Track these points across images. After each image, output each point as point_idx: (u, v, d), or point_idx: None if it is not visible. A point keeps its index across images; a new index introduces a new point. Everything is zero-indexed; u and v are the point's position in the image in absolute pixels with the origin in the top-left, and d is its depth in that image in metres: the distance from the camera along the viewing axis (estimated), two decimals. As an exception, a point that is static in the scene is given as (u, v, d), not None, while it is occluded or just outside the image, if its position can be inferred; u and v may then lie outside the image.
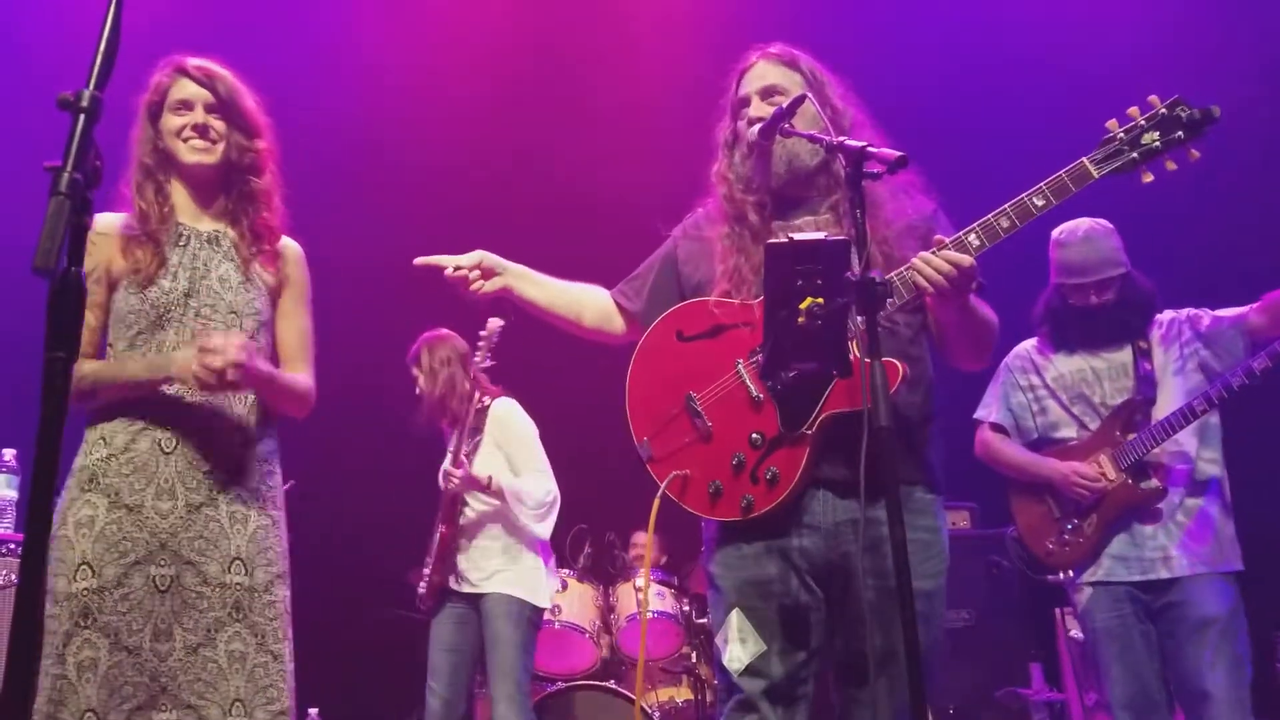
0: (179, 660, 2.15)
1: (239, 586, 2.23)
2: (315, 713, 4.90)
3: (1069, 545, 3.22)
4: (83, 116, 1.27)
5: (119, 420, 2.24)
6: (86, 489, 2.20)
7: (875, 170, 1.86)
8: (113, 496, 2.19)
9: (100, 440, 2.24)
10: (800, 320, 1.85)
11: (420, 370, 4.05)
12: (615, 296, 2.45)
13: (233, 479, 2.27)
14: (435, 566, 3.91)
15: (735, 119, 2.33)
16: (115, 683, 2.09)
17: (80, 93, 1.28)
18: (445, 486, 3.88)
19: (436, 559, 3.91)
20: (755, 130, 2.17)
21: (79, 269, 1.26)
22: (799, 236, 1.90)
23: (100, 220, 2.29)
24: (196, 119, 2.34)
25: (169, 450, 2.23)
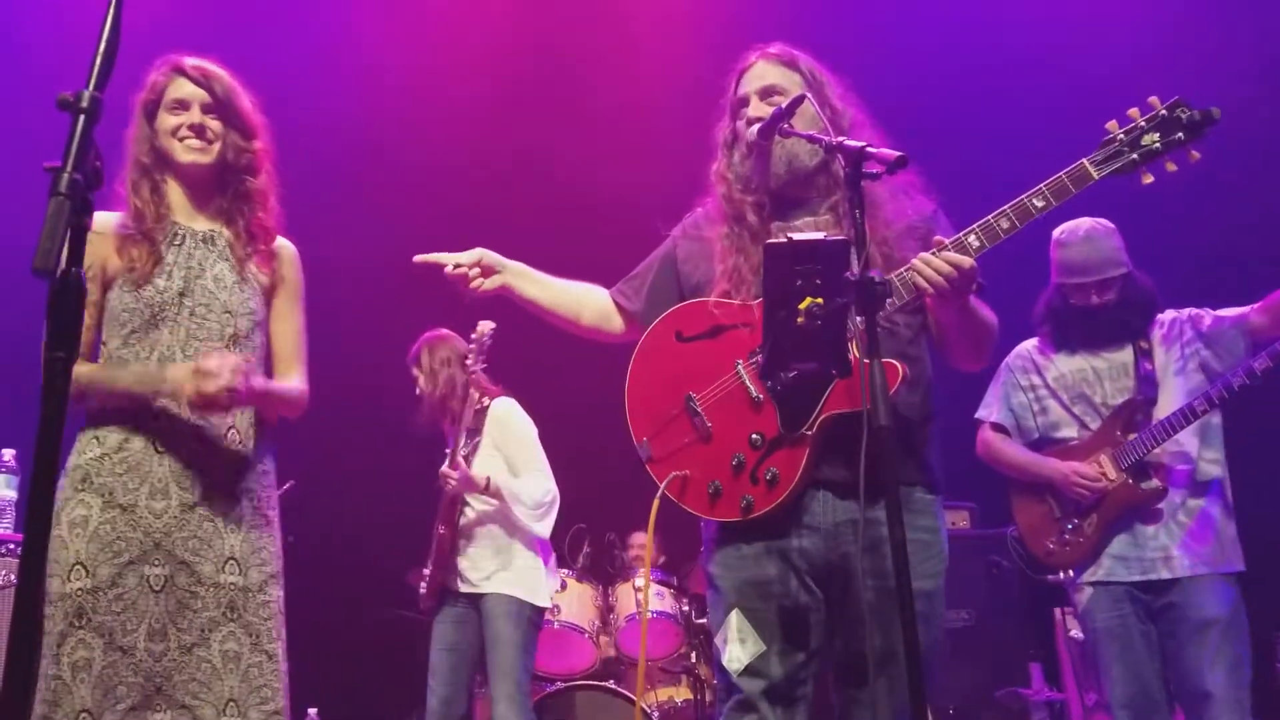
0: (174, 660, 2.14)
1: (233, 586, 2.22)
2: (315, 713, 4.89)
3: (1069, 545, 3.22)
4: (83, 117, 1.27)
5: (112, 420, 2.23)
6: (80, 489, 2.19)
7: (874, 170, 1.86)
8: (106, 496, 2.18)
9: (93, 440, 2.23)
10: (799, 320, 1.85)
11: (421, 370, 4.05)
12: (614, 296, 2.45)
13: (227, 479, 2.27)
14: (435, 566, 3.91)
15: (734, 119, 2.33)
16: (110, 683, 2.08)
17: (80, 93, 1.27)
18: (443, 488, 3.88)
19: (436, 559, 3.91)
20: (754, 130, 2.17)
21: (79, 269, 1.26)
22: (798, 236, 1.89)
23: (95, 218, 2.27)
24: (193, 118, 2.33)
25: (162, 450, 2.22)
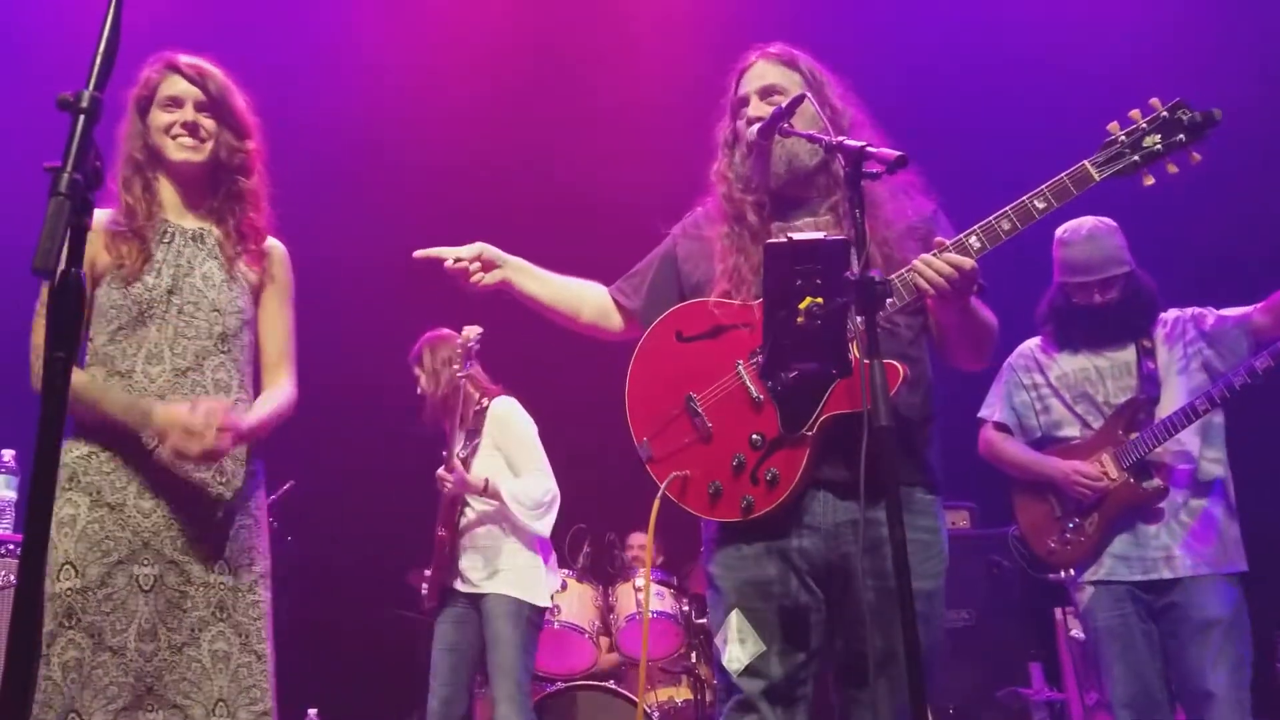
0: (164, 660, 2.13)
1: (222, 586, 2.22)
2: (315, 713, 4.88)
3: (1070, 544, 3.22)
4: (83, 117, 1.26)
5: (100, 424, 2.21)
6: (67, 488, 2.17)
7: (874, 170, 1.86)
8: (94, 495, 2.17)
9: (80, 438, 2.21)
10: (800, 320, 1.84)
11: (423, 370, 4.04)
12: (613, 294, 2.44)
13: (215, 478, 2.26)
14: (436, 568, 3.91)
15: (735, 118, 2.33)
16: (100, 683, 2.07)
17: (80, 93, 1.27)
18: (440, 490, 3.88)
19: (436, 561, 3.91)
20: (754, 130, 2.17)
21: (79, 269, 1.26)
22: (798, 236, 1.89)
23: None
24: (186, 116, 2.32)
25: (150, 449, 2.21)
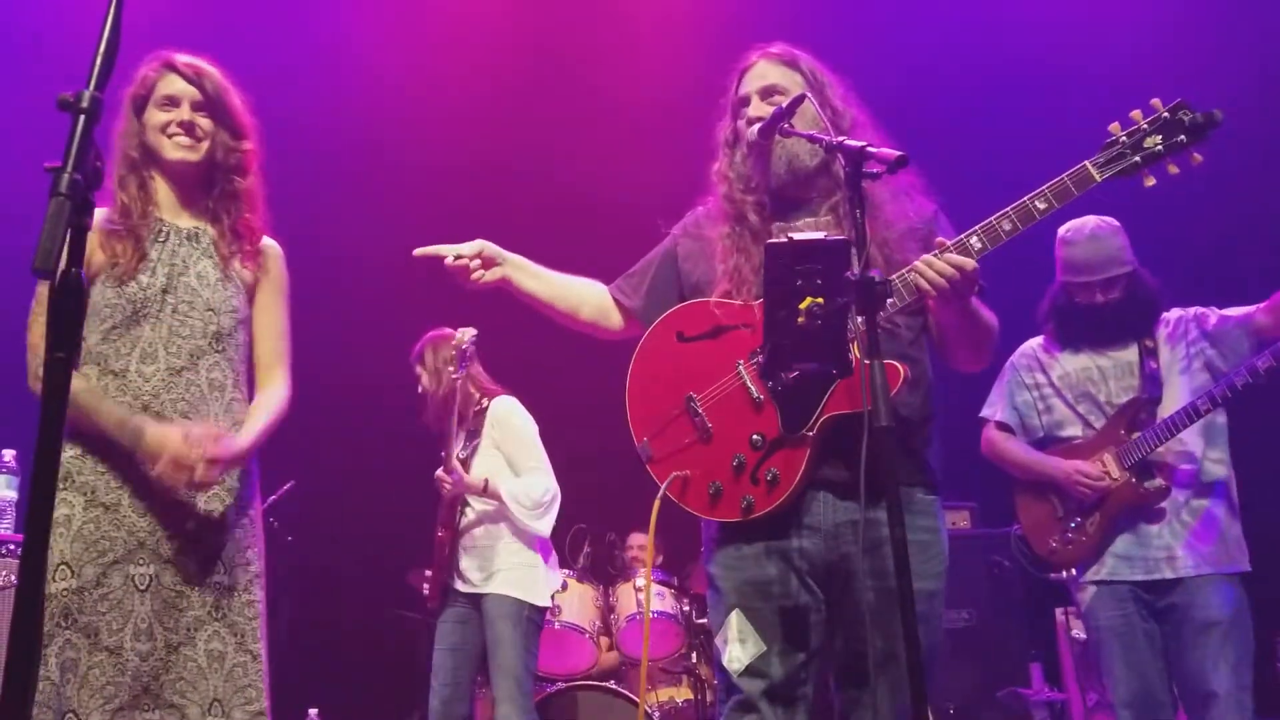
0: (161, 660, 2.13)
1: (218, 586, 2.21)
2: (315, 713, 4.89)
3: (1072, 544, 3.22)
4: (83, 117, 1.26)
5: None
6: (61, 487, 2.15)
7: (875, 170, 1.85)
8: (89, 495, 2.17)
9: (75, 438, 2.20)
10: (800, 320, 1.84)
11: (424, 369, 4.03)
12: (613, 293, 2.44)
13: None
14: (437, 568, 3.92)
15: (735, 118, 2.33)
16: (96, 683, 2.07)
17: (80, 93, 1.27)
18: (439, 491, 3.87)
19: (437, 561, 3.91)
20: (755, 130, 2.16)
21: (79, 269, 1.26)
22: (798, 236, 1.89)
23: None
24: (183, 115, 2.31)
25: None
